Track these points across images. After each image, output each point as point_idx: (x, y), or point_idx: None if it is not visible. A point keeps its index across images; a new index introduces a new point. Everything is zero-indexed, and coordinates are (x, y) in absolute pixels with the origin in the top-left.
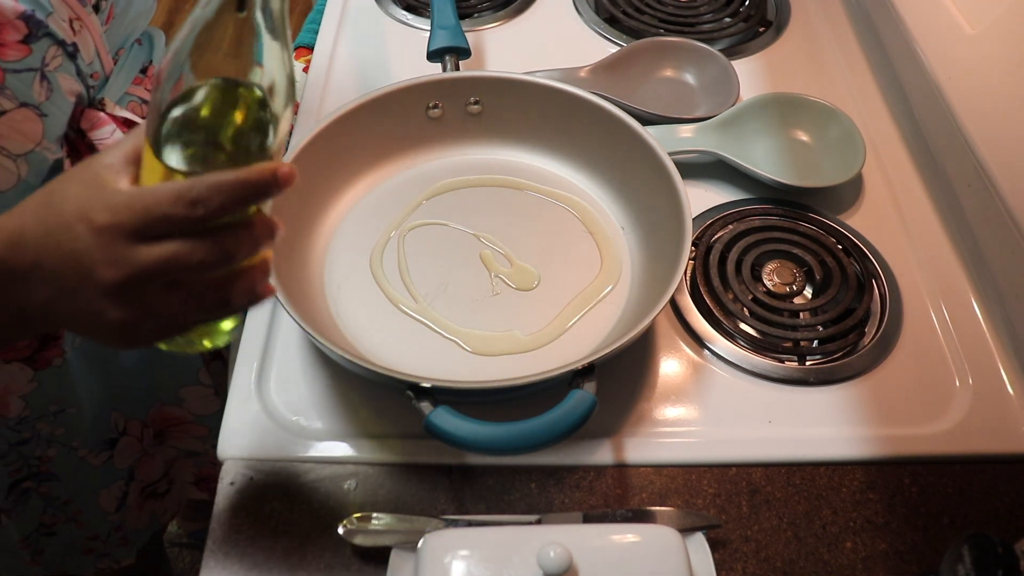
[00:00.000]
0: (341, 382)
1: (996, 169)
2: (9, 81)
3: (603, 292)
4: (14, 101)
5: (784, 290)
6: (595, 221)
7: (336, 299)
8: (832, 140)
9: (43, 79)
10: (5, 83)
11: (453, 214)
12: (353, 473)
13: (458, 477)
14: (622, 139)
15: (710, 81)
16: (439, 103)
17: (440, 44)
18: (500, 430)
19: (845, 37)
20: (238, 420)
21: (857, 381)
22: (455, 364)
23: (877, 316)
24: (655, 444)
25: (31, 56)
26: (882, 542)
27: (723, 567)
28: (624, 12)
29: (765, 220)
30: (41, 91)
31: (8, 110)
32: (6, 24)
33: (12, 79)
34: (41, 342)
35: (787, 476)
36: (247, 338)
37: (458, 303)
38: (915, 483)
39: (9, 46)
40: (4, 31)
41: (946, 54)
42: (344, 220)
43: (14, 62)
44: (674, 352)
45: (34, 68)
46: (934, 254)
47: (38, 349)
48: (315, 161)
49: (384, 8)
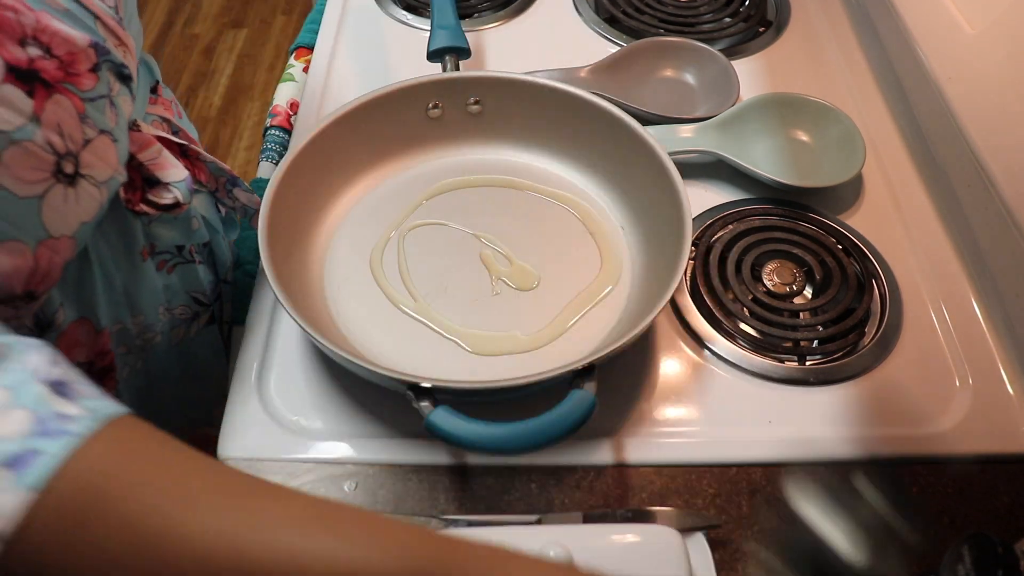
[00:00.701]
0: (341, 382)
1: (996, 169)
2: (88, 110)
3: (603, 292)
4: (95, 129)
5: (784, 290)
6: (595, 221)
7: (336, 299)
8: (832, 140)
9: (111, 105)
10: (86, 112)
11: (453, 214)
12: (353, 473)
13: (458, 477)
14: (622, 139)
15: (710, 81)
16: (439, 103)
17: (440, 44)
18: (500, 430)
19: (845, 37)
20: (238, 420)
21: (857, 381)
22: (455, 364)
23: (877, 316)
24: (655, 444)
25: (100, 84)
26: (882, 542)
27: (723, 567)
28: (624, 12)
29: (765, 220)
30: (112, 117)
31: (92, 138)
32: (79, 54)
33: (90, 108)
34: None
35: (787, 476)
36: (247, 338)
37: (458, 303)
38: (915, 483)
39: (83, 76)
40: (79, 61)
41: (946, 54)
42: (344, 220)
43: (90, 91)
44: (674, 352)
45: (104, 95)
46: (934, 254)
47: None
48: (315, 161)
49: (384, 8)
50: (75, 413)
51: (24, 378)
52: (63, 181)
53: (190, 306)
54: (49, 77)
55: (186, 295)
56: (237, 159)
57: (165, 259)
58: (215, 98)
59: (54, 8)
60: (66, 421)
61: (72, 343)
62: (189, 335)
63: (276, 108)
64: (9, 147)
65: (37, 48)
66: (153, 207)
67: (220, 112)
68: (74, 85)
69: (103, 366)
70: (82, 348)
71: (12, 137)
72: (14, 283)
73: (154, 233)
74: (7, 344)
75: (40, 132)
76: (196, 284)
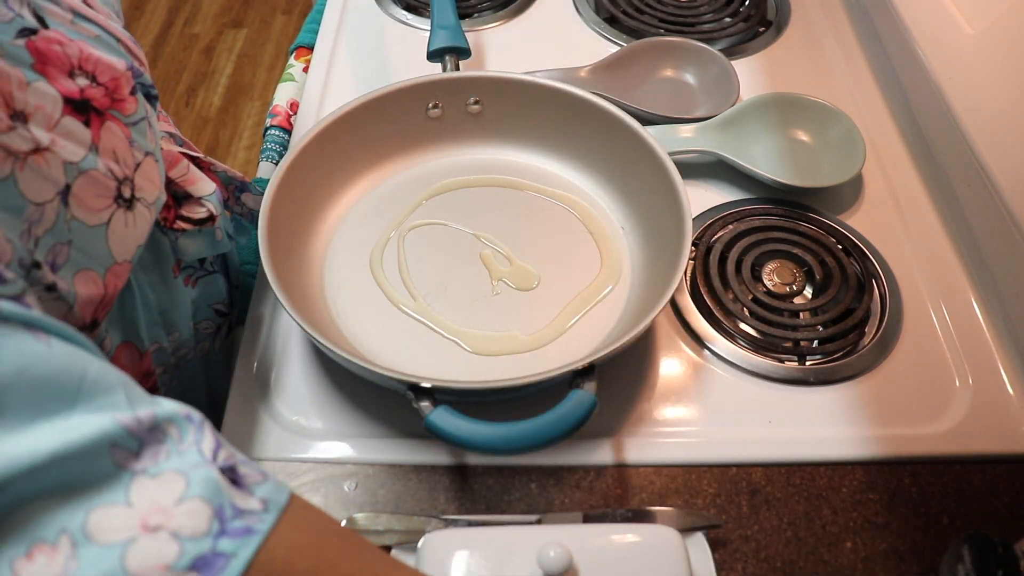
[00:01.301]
0: (341, 382)
1: (996, 169)
2: (133, 134)
3: (603, 292)
4: (142, 152)
5: (784, 290)
6: (595, 221)
7: (336, 299)
8: (832, 140)
9: (149, 126)
10: (132, 136)
11: (453, 214)
12: (353, 473)
13: (458, 477)
14: (622, 139)
15: (710, 81)
16: (439, 103)
17: (440, 44)
18: (500, 430)
19: (845, 37)
20: (238, 420)
21: (857, 381)
22: (455, 364)
23: (877, 316)
24: (655, 444)
25: (139, 107)
26: (882, 542)
27: (723, 567)
28: (624, 12)
29: (765, 220)
30: (152, 138)
31: (140, 161)
32: (121, 79)
33: (134, 132)
34: None
35: (787, 476)
36: (247, 338)
37: (458, 303)
38: (915, 483)
39: (127, 100)
40: (121, 87)
41: (946, 54)
42: (344, 220)
43: (132, 115)
44: (674, 352)
45: (143, 117)
46: (934, 254)
47: None
48: (315, 161)
49: (384, 8)
50: (255, 508)
51: (197, 461)
52: (123, 206)
53: (213, 319)
54: (99, 105)
55: (208, 308)
56: (237, 159)
57: (190, 273)
58: (215, 98)
59: (88, 36)
60: (248, 517)
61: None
62: (214, 349)
63: (276, 108)
64: (78, 178)
65: (84, 78)
66: (188, 222)
67: (220, 112)
68: (119, 111)
69: (148, 387)
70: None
71: (80, 168)
72: (85, 313)
73: (180, 248)
74: (168, 415)
75: (100, 160)
76: (217, 295)
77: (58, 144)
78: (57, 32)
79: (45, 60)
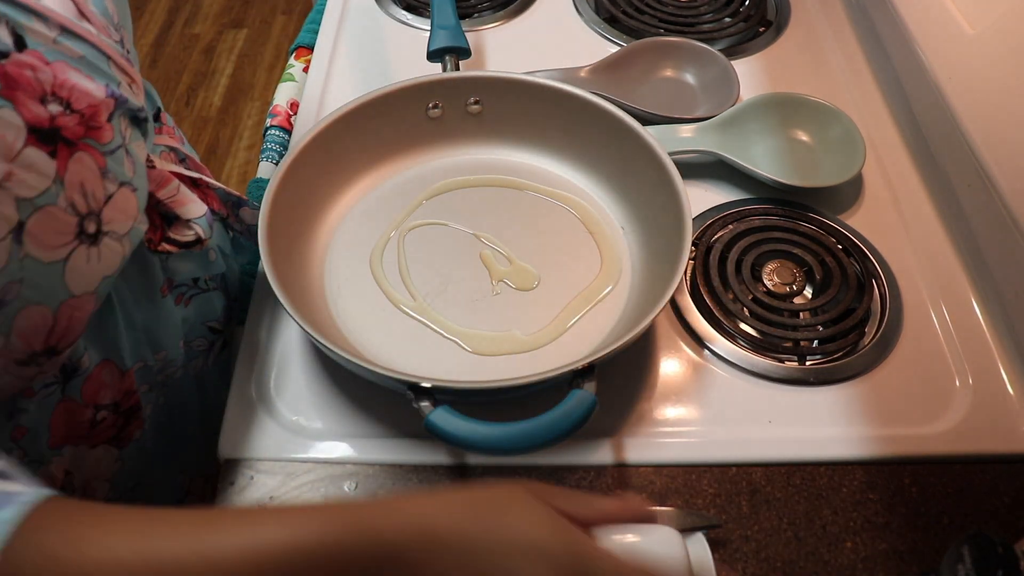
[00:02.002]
0: (341, 382)
1: (996, 169)
2: (108, 164)
3: (603, 292)
4: (115, 183)
5: (784, 290)
6: (595, 221)
7: (336, 299)
8: (832, 140)
9: (127, 154)
10: (107, 167)
11: (453, 214)
12: (353, 473)
13: (458, 477)
14: (622, 139)
15: (710, 81)
16: (439, 103)
17: (440, 44)
18: (500, 430)
19: (845, 37)
20: (238, 420)
21: (857, 381)
22: (455, 364)
23: (877, 316)
24: (655, 444)
25: (116, 134)
26: (882, 542)
27: (723, 567)
28: (624, 12)
29: (765, 220)
30: (130, 166)
31: (113, 193)
32: (99, 106)
33: (110, 161)
34: (126, 417)
35: (787, 476)
36: (247, 338)
37: (458, 303)
38: (915, 483)
39: (103, 128)
40: (99, 114)
41: (946, 54)
42: (344, 220)
43: (109, 143)
44: (674, 352)
45: (120, 145)
46: (934, 254)
47: (123, 426)
48: (315, 161)
49: (384, 8)
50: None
51: None
52: (86, 242)
53: (207, 337)
54: (71, 134)
55: (202, 326)
56: (237, 159)
57: (182, 292)
58: (215, 98)
59: (70, 57)
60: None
61: (98, 387)
62: (207, 366)
63: (276, 108)
64: (34, 214)
65: (58, 104)
66: (175, 245)
67: (220, 112)
68: (95, 140)
69: (129, 406)
70: (108, 390)
71: (36, 204)
72: (33, 342)
73: (172, 268)
74: None
75: (63, 194)
76: (211, 313)
77: (15, 177)
78: (33, 54)
79: (14, 85)
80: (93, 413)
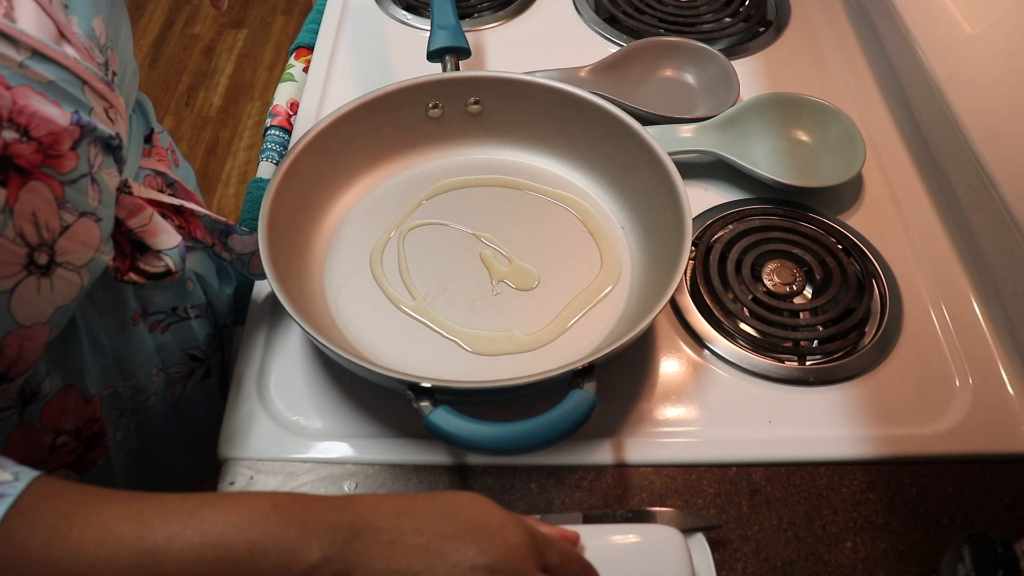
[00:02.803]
0: (341, 382)
1: (996, 169)
2: (68, 193)
3: (603, 292)
4: (74, 214)
5: (784, 290)
6: (595, 221)
7: (336, 299)
8: (832, 140)
9: (93, 182)
10: (65, 197)
11: (453, 214)
12: (353, 473)
13: (458, 477)
14: (622, 139)
15: (710, 81)
16: (439, 103)
17: (440, 44)
18: (500, 430)
19: (845, 37)
20: (238, 420)
21: (857, 381)
22: (455, 364)
23: (877, 316)
24: (655, 444)
25: (81, 162)
26: (882, 542)
27: (723, 567)
28: (624, 12)
29: (765, 220)
30: (94, 195)
31: (70, 224)
32: (61, 134)
33: (70, 191)
34: (88, 444)
35: (787, 476)
36: (247, 338)
37: (458, 303)
38: (915, 483)
39: (65, 156)
40: (60, 142)
41: (946, 54)
42: (344, 220)
43: (71, 172)
44: (674, 352)
45: (85, 174)
46: (934, 254)
47: (84, 452)
48: (315, 161)
49: (384, 8)
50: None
51: None
52: (36, 273)
53: (186, 363)
54: (25, 163)
55: (181, 353)
56: (237, 159)
57: (159, 319)
58: (215, 98)
59: (37, 81)
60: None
61: (60, 412)
62: (186, 392)
63: (276, 108)
64: None
65: (13, 131)
66: (143, 276)
67: (220, 112)
68: (53, 168)
69: (92, 433)
70: (70, 416)
71: None
72: None
73: (146, 296)
74: None
75: (11, 224)
76: (191, 341)
77: None
78: None
79: None
80: (52, 438)
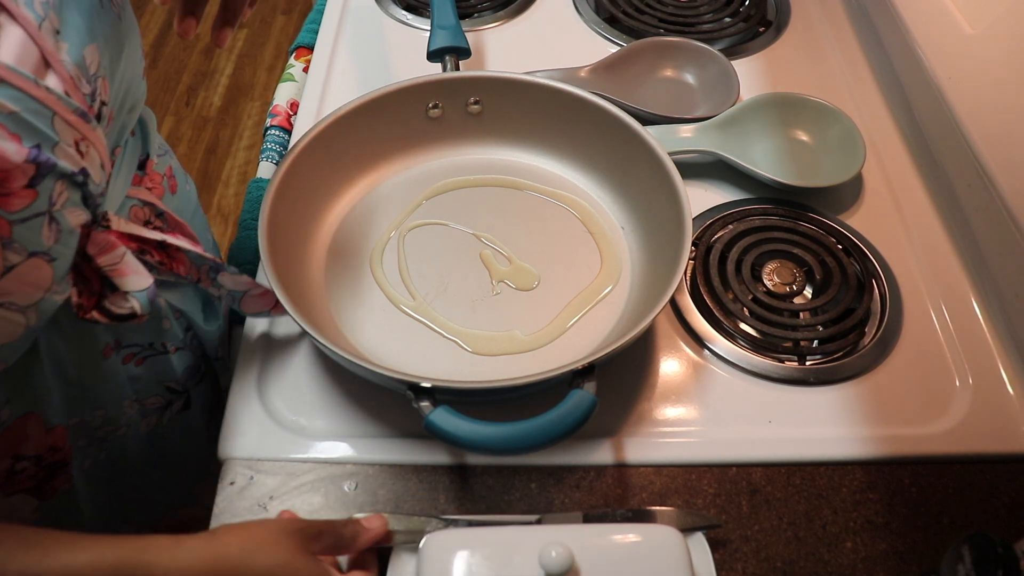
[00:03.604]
0: (341, 382)
1: (996, 169)
2: (17, 233)
3: (603, 292)
4: (22, 254)
5: (784, 290)
6: (595, 221)
7: (336, 299)
8: (832, 140)
9: (51, 221)
10: (12, 236)
11: (453, 214)
12: (353, 473)
13: (458, 477)
14: (622, 139)
15: (710, 81)
16: (439, 103)
17: (440, 44)
18: (500, 430)
19: (845, 37)
20: (238, 420)
21: (857, 381)
22: (455, 364)
23: (877, 316)
24: (655, 444)
25: (38, 200)
26: (882, 542)
27: (723, 567)
28: (624, 12)
29: (765, 220)
30: (50, 235)
31: (16, 264)
32: (13, 171)
33: (20, 229)
34: (49, 471)
35: (787, 476)
36: (247, 339)
37: (458, 303)
38: (915, 483)
39: (16, 194)
40: (12, 179)
41: (946, 54)
42: (344, 220)
43: (21, 211)
44: (674, 352)
45: (41, 212)
46: (934, 254)
47: (46, 479)
48: (315, 161)
49: (384, 8)
50: None
51: None
52: None
53: (163, 395)
54: None
55: (158, 385)
56: (237, 159)
57: (134, 352)
58: (215, 98)
59: None
60: None
61: (19, 439)
62: (162, 423)
63: (276, 108)
64: None
65: None
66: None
67: (220, 112)
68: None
69: (55, 461)
70: (30, 443)
71: None
72: None
73: (119, 331)
74: None
75: None
76: (168, 373)
77: None
78: None
79: None
80: (11, 463)
